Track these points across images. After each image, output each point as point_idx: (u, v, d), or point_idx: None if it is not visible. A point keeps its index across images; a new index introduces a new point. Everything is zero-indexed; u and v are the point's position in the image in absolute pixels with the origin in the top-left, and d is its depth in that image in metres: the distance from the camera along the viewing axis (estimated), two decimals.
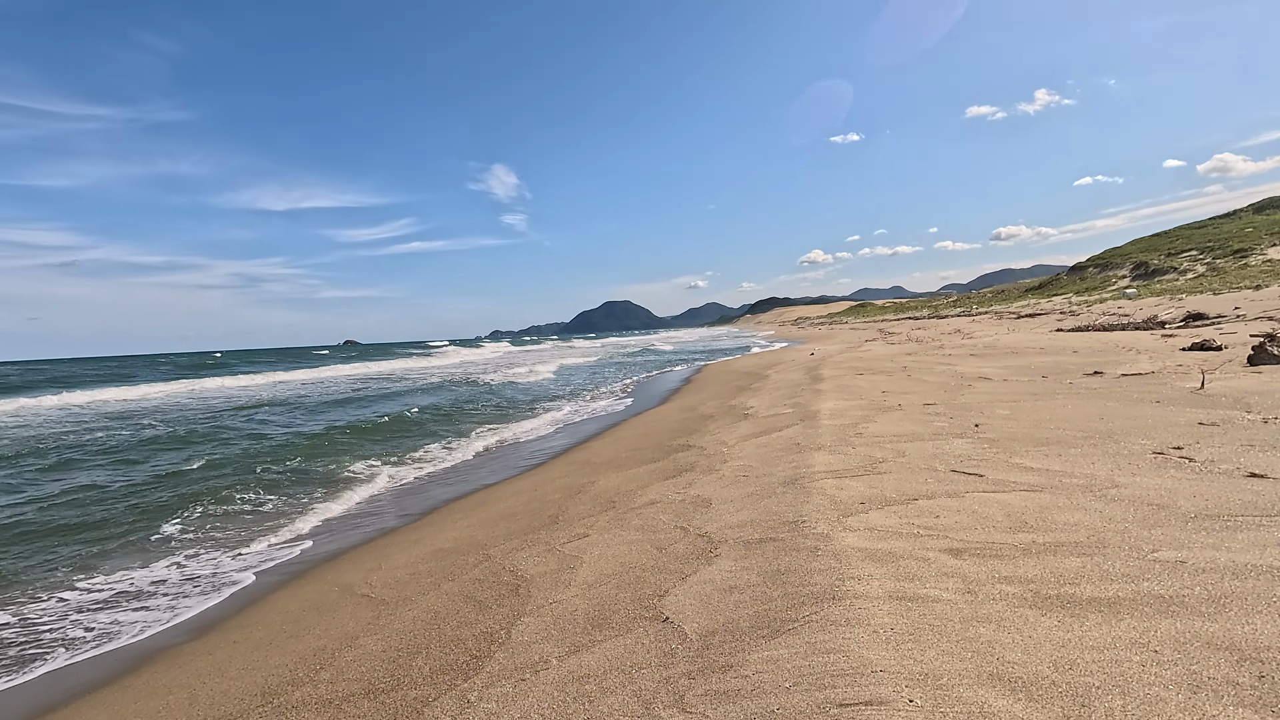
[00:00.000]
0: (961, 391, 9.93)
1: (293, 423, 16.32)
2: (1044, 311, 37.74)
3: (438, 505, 7.87)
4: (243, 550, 6.65)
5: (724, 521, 4.42)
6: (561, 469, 8.76)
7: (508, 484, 8.51)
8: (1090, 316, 30.11)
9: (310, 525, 7.43)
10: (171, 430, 15.39)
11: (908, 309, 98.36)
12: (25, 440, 14.99)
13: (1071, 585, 2.87)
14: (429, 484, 9.15)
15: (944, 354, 17.13)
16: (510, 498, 7.39)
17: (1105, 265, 67.91)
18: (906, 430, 6.91)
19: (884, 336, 34.00)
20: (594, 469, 8.08)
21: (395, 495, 8.63)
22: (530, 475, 8.99)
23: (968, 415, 7.67)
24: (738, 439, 7.92)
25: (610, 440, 10.78)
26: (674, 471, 6.71)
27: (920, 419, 7.58)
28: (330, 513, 7.92)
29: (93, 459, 11.98)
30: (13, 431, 17.20)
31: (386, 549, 6.18)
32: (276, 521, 7.61)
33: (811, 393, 11.02)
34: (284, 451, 11.82)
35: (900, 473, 5.08)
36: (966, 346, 19.29)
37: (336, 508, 8.12)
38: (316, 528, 7.34)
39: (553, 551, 4.68)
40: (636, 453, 8.67)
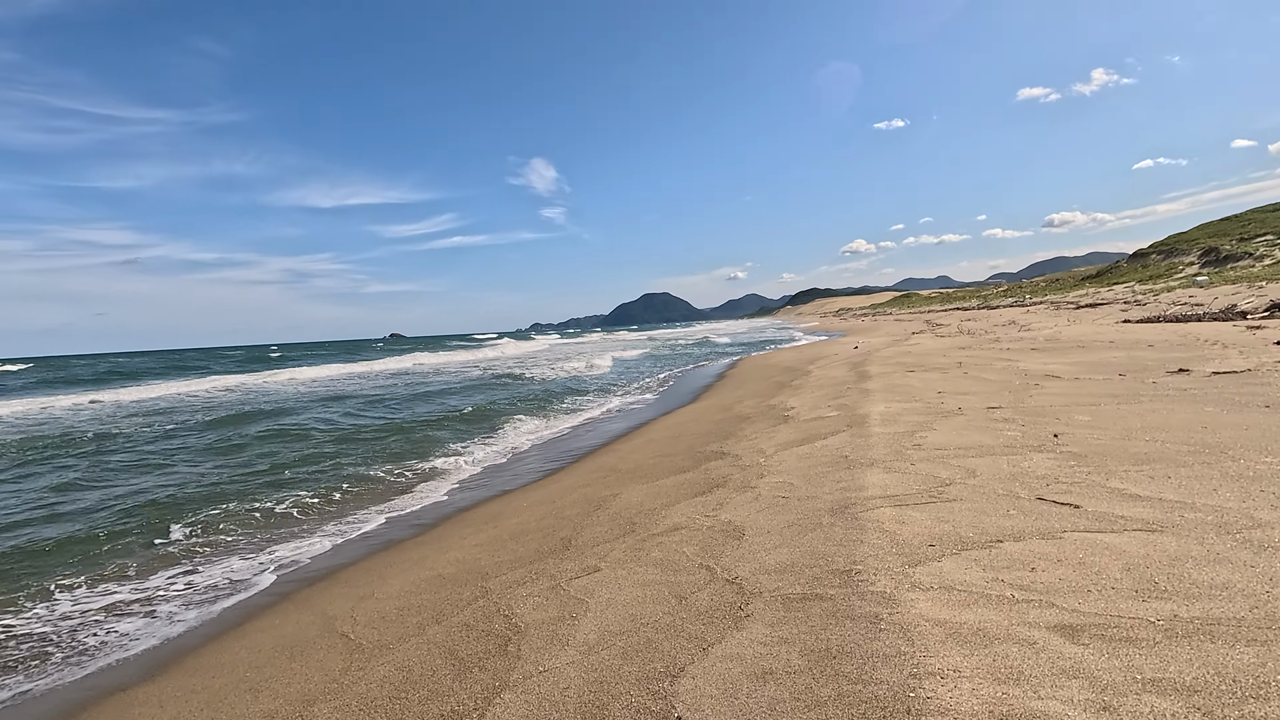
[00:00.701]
0: (1029, 392, 8.82)
1: (394, 412, 16.24)
2: (1105, 301, 35.24)
3: (454, 513, 7.26)
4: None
5: (758, 563, 3.60)
6: (585, 475, 8.05)
7: (527, 491, 7.84)
8: (1159, 306, 27.86)
9: (376, 523, 6.93)
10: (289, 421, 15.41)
11: (955, 299, 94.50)
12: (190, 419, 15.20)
13: (1256, 701, 1.97)
14: (472, 486, 8.57)
15: (1002, 348, 15.78)
16: (526, 510, 6.70)
17: (1170, 251, 63.62)
18: (973, 441, 5.94)
19: (932, 329, 32.29)
20: (619, 478, 7.34)
21: (458, 490, 8.08)
22: (553, 481, 8.31)
23: (1042, 422, 6.63)
24: (776, 447, 7.06)
25: (640, 442, 10.03)
26: (704, 486, 5.90)
27: (987, 426, 6.58)
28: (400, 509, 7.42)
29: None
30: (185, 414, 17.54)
31: (388, 569, 5.57)
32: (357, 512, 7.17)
33: (858, 393, 10.03)
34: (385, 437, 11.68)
35: (974, 500, 4.16)
36: (1026, 340, 17.82)
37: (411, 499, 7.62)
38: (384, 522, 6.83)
39: (556, 590, 3.95)
40: (665, 459, 7.89)
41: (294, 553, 6.48)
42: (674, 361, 30.63)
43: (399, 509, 7.82)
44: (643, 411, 14.28)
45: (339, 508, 8.05)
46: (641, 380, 21.85)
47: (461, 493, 8.43)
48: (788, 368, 18.51)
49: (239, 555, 6.49)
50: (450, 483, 8.97)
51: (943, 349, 17.01)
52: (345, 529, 7.19)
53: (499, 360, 40.65)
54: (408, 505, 7.97)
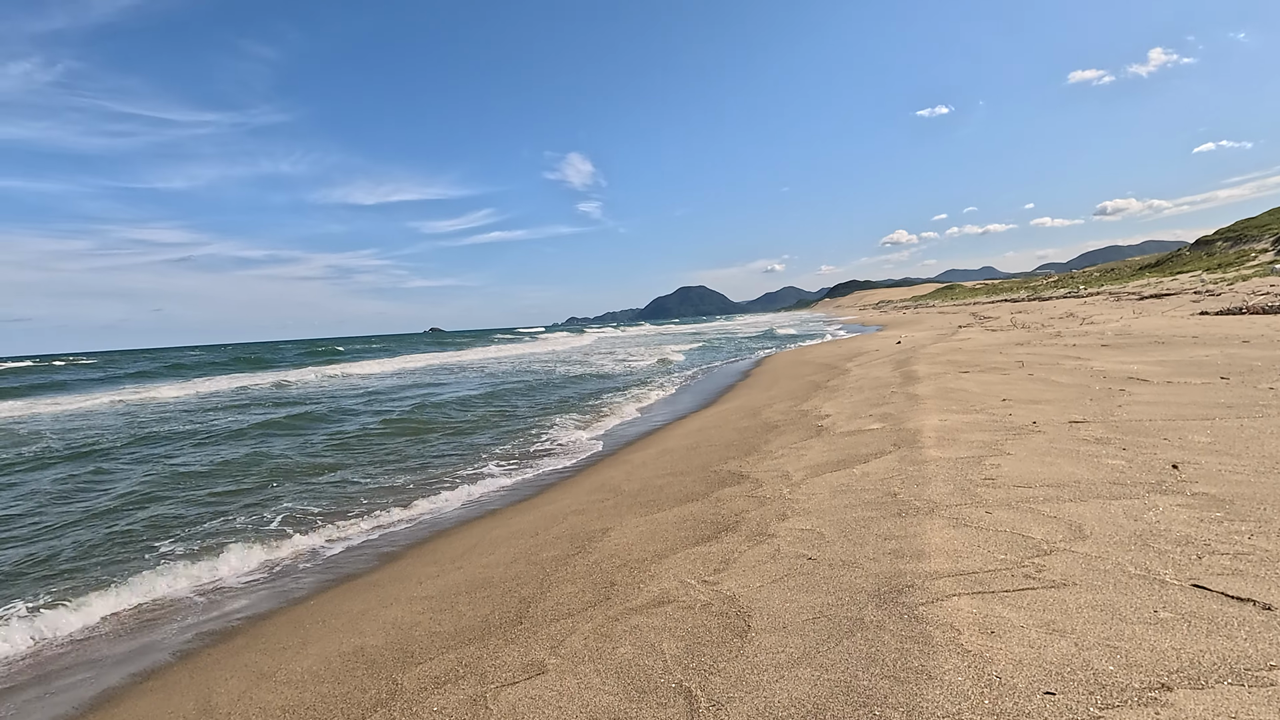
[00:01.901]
0: (1115, 401, 7.19)
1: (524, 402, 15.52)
2: (1172, 291, 32.19)
3: (430, 536, 6.12)
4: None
5: (764, 699, 2.28)
6: (582, 496, 6.81)
7: (515, 514, 6.65)
8: (1235, 297, 25.06)
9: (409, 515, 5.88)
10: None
11: (1001, 290, 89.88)
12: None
13: None
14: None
15: (1066, 344, 13.89)
16: (502, 545, 5.50)
17: (1239, 238, 58.78)
18: (1064, 474, 4.46)
19: (980, 321, 29.98)
20: (617, 503, 6.08)
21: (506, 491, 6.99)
22: (547, 500, 7.11)
23: (1147, 444, 5.09)
24: (805, 471, 5.68)
25: (653, 453, 8.74)
26: (711, 528, 4.58)
27: (1077, 451, 5.06)
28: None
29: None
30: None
31: (319, 625, 4.44)
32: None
33: (905, 398, 8.51)
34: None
35: (1094, 585, 2.75)
36: (1091, 334, 15.81)
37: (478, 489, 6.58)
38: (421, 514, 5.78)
39: (477, 709, 2.71)
40: (675, 479, 6.58)
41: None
42: (720, 353, 29.27)
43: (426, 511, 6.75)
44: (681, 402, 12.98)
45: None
46: (694, 372, 20.59)
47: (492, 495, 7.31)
48: (824, 365, 16.92)
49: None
50: (476, 491, 7.88)
51: (998, 345, 15.17)
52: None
53: (572, 353, 39.56)
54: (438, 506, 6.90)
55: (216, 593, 5.54)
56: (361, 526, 7.03)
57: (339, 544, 6.56)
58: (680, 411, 12.99)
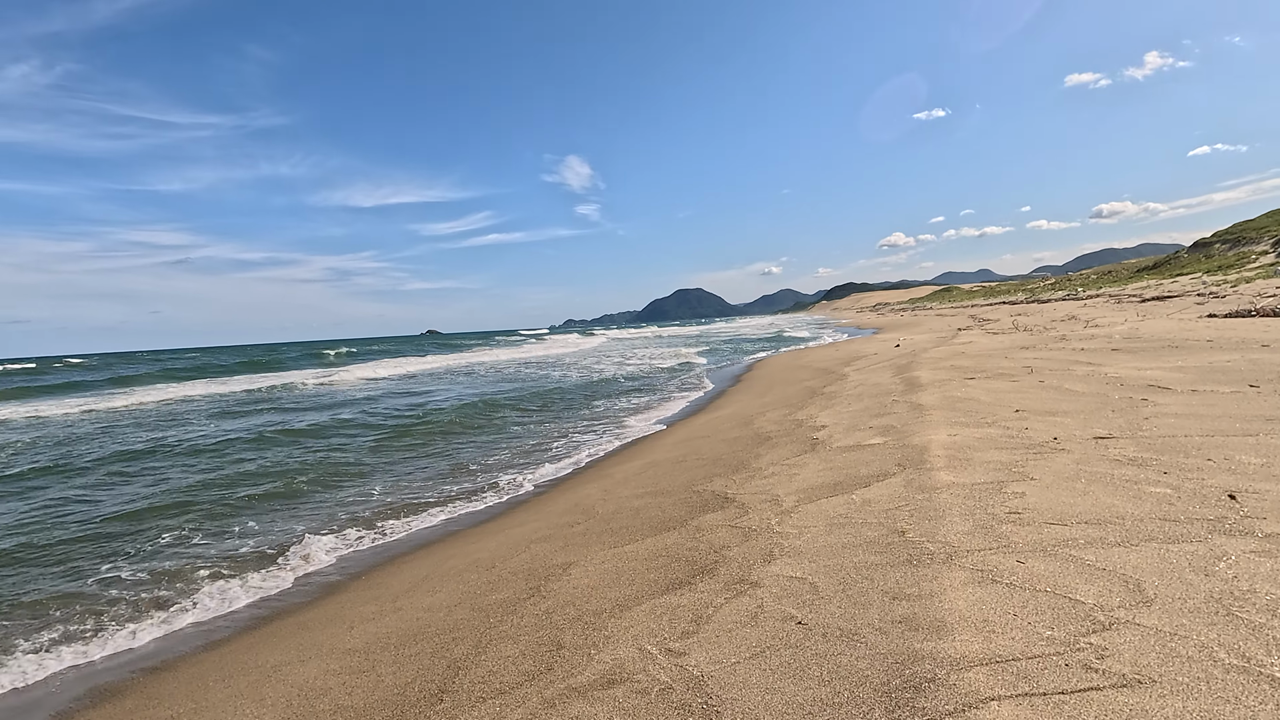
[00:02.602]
0: (1140, 411, 6.46)
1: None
2: (1174, 294, 31.46)
3: (390, 558, 5.38)
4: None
5: None
6: (551, 520, 6.08)
7: (478, 538, 5.91)
8: (1240, 299, 24.36)
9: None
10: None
11: (999, 293, 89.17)
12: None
13: None
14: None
15: (1073, 348, 13.17)
16: (449, 581, 4.77)
17: (1237, 240, 58.12)
18: (1101, 506, 3.73)
19: (980, 324, 29.26)
20: (585, 530, 5.35)
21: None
22: (515, 523, 6.37)
23: (1190, 466, 4.36)
24: (798, 495, 4.94)
25: (637, 467, 8.01)
26: (685, 570, 3.85)
27: (1110, 474, 4.33)
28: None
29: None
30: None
31: (215, 687, 3.71)
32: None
33: (908, 408, 7.77)
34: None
35: (1180, 687, 2.02)
36: (1098, 337, 15.08)
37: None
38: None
39: None
40: (654, 501, 5.85)
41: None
42: (725, 355, 28.58)
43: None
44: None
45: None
46: (716, 372, 19.87)
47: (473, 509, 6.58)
48: (821, 369, 16.19)
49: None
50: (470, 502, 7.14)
51: (1002, 349, 14.44)
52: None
53: (584, 355, 38.72)
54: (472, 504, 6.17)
55: (143, 631, 4.80)
56: (323, 544, 6.33)
57: (287, 572, 5.83)
58: (677, 415, 12.27)
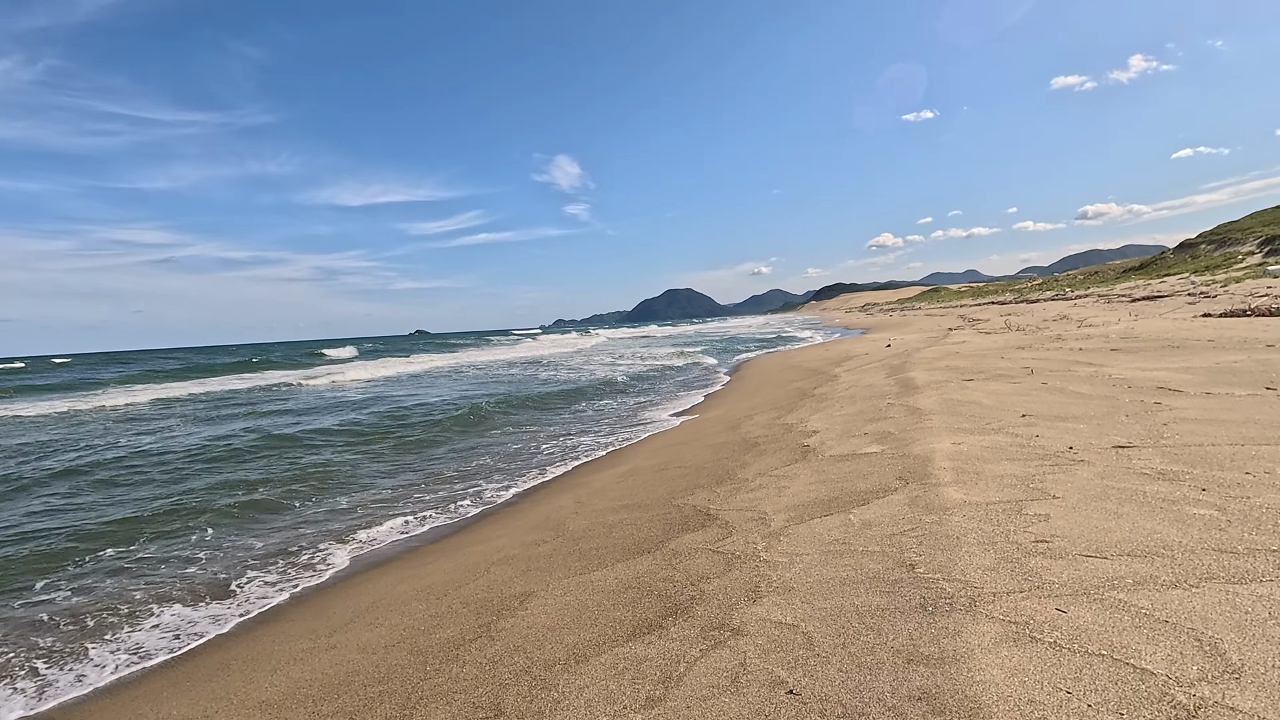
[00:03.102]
0: (1156, 417, 5.95)
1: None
2: (1163, 293, 31.24)
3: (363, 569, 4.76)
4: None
5: None
6: (518, 537, 5.49)
7: (433, 560, 5.31)
8: (1232, 299, 24.10)
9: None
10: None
11: (987, 293, 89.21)
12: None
13: None
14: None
15: (1071, 348, 12.71)
16: (392, 613, 4.17)
17: (1222, 241, 58.31)
18: (1140, 533, 3.18)
19: (970, 324, 28.90)
20: (553, 551, 4.76)
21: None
22: (481, 538, 5.77)
23: (1230, 481, 3.84)
24: (787, 513, 4.38)
25: (616, 475, 7.43)
26: (656, 609, 3.27)
27: (1142, 491, 3.80)
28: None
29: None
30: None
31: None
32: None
33: (905, 412, 7.23)
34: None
35: None
36: (1094, 337, 14.65)
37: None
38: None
39: None
40: (629, 516, 5.27)
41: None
42: (716, 353, 28.00)
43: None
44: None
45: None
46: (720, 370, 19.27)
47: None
48: (811, 370, 15.67)
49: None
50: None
51: (997, 349, 13.97)
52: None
53: (577, 355, 37.90)
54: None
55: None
56: (275, 566, 5.70)
57: (226, 601, 5.19)
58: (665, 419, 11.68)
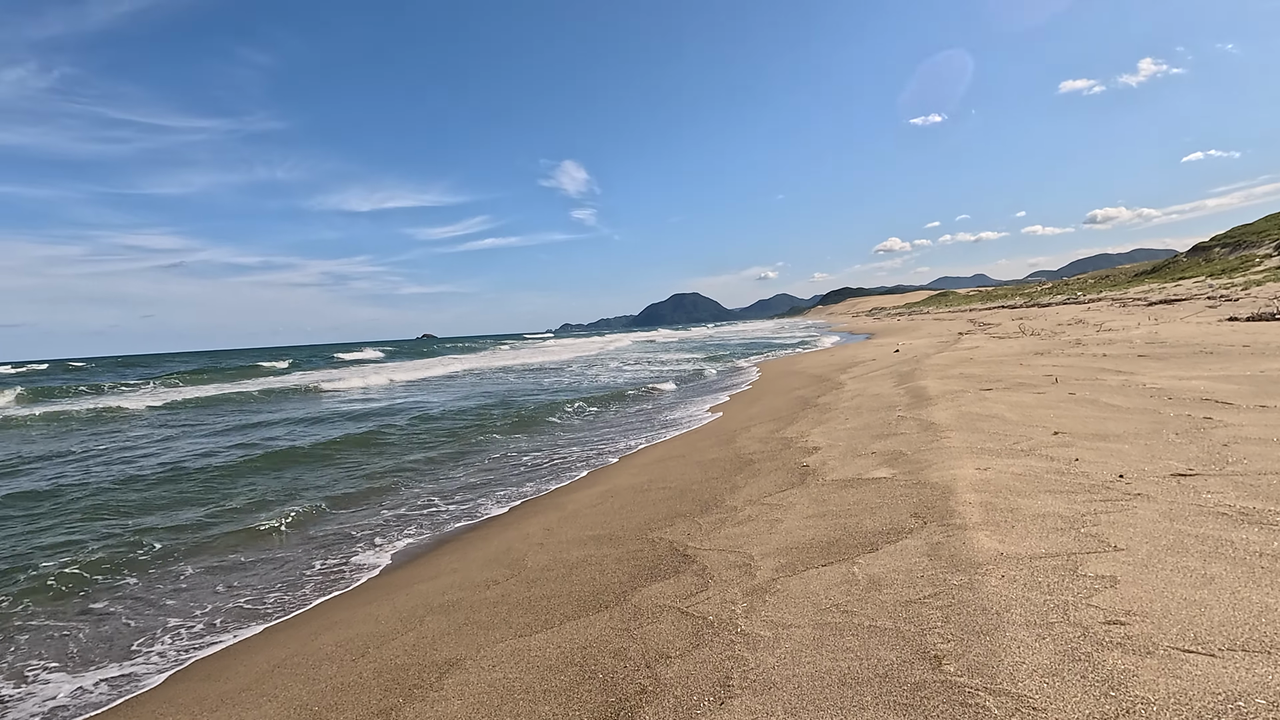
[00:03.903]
0: (1210, 436, 5.07)
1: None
2: (1180, 297, 30.10)
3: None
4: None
5: None
6: (473, 571, 4.68)
7: (369, 604, 4.50)
8: (1255, 302, 23.00)
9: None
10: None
11: (996, 297, 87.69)
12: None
13: None
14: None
15: (1093, 354, 11.78)
16: (296, 680, 3.36)
17: (1237, 244, 56.82)
18: (1249, 608, 2.33)
19: (981, 328, 27.89)
20: (499, 599, 3.95)
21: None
22: (425, 572, 4.97)
23: None
24: (778, 558, 3.54)
25: (596, 494, 6.61)
26: (598, 706, 2.45)
27: (1230, 542, 2.93)
28: None
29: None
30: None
31: None
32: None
33: (918, 428, 6.37)
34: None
35: None
36: (1117, 342, 13.70)
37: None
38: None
39: None
40: (596, 551, 4.46)
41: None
42: (722, 358, 27.13)
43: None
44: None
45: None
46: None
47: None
48: (815, 376, 14.79)
49: None
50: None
51: (1013, 354, 13.05)
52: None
53: (582, 361, 37.23)
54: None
55: None
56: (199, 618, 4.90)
57: (132, 659, 4.41)
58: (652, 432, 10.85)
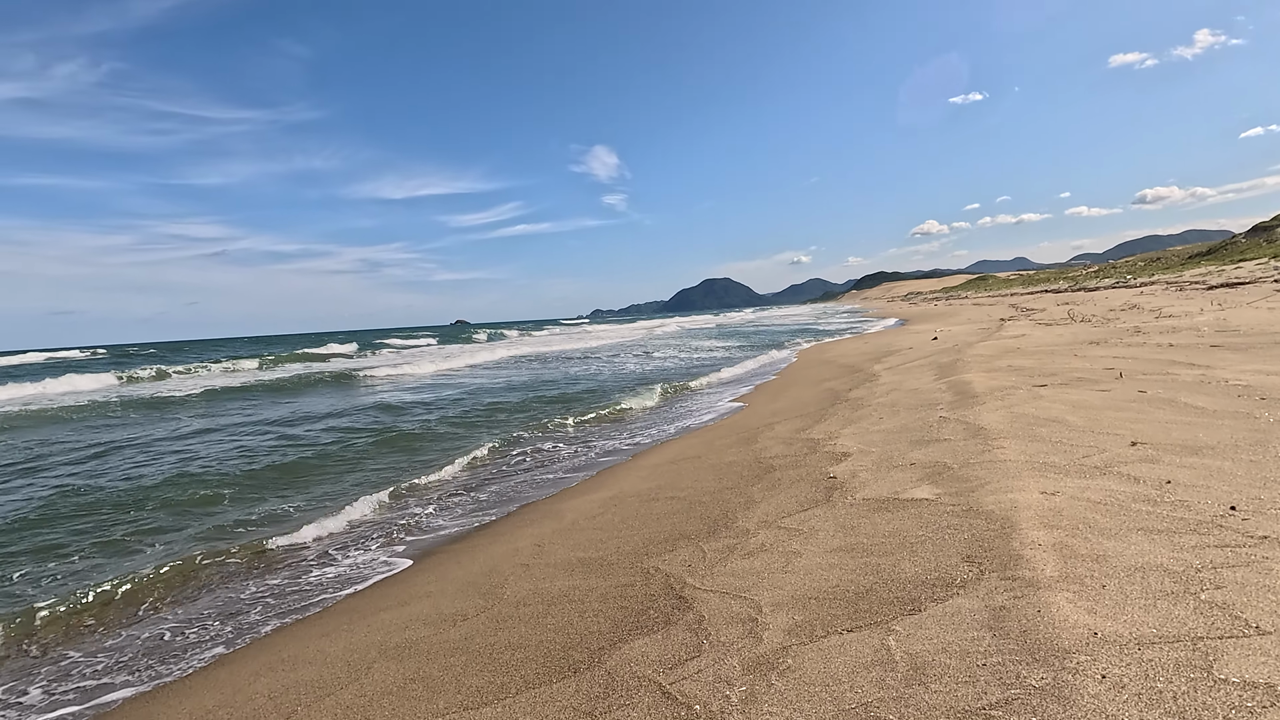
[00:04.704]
0: None
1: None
2: (1243, 280, 27.87)
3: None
4: None
5: None
6: (445, 601, 4.04)
7: (312, 638, 3.92)
8: None
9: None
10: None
11: (1039, 280, 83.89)
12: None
13: None
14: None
15: (1157, 344, 10.56)
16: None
17: None
18: None
19: (1024, 314, 26.27)
20: (464, 635, 3.29)
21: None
22: (398, 595, 4.36)
23: None
24: (790, 616, 2.79)
25: (596, 502, 5.92)
26: None
27: None
28: None
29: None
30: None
31: None
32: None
33: (965, 433, 5.48)
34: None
35: None
36: (1181, 329, 12.37)
37: None
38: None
39: None
40: (581, 583, 3.77)
41: None
42: (751, 346, 26.24)
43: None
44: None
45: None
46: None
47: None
48: (847, 366, 13.81)
49: None
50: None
51: (1064, 343, 11.87)
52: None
53: (648, 340, 36.99)
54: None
55: None
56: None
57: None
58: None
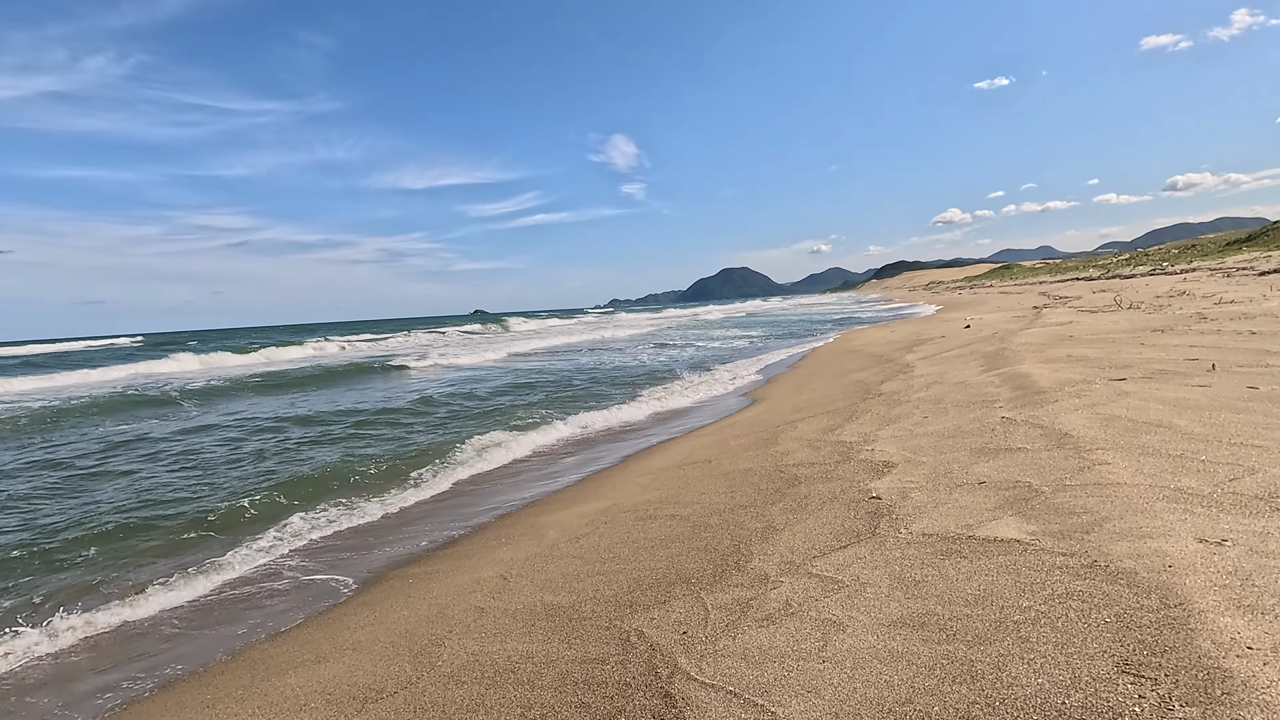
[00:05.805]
0: None
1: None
2: None
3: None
4: None
5: None
6: (373, 650, 3.02)
7: (222, 705, 2.94)
8: None
9: None
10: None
11: (1066, 269, 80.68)
12: None
13: None
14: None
15: (1234, 331, 9.16)
16: None
17: None
18: None
19: (1059, 302, 24.57)
20: (409, 700, 2.26)
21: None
22: (295, 658, 3.37)
23: None
24: None
25: (586, 514, 4.86)
26: None
27: None
28: None
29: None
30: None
31: None
32: None
33: (1044, 440, 4.29)
34: None
35: None
36: (1255, 316, 10.90)
37: None
38: None
39: None
40: (540, 647, 2.71)
41: None
42: (774, 334, 25.12)
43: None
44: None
45: None
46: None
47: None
48: (875, 355, 12.54)
49: None
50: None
51: (1124, 331, 10.48)
52: None
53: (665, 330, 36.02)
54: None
55: None
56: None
57: None
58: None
